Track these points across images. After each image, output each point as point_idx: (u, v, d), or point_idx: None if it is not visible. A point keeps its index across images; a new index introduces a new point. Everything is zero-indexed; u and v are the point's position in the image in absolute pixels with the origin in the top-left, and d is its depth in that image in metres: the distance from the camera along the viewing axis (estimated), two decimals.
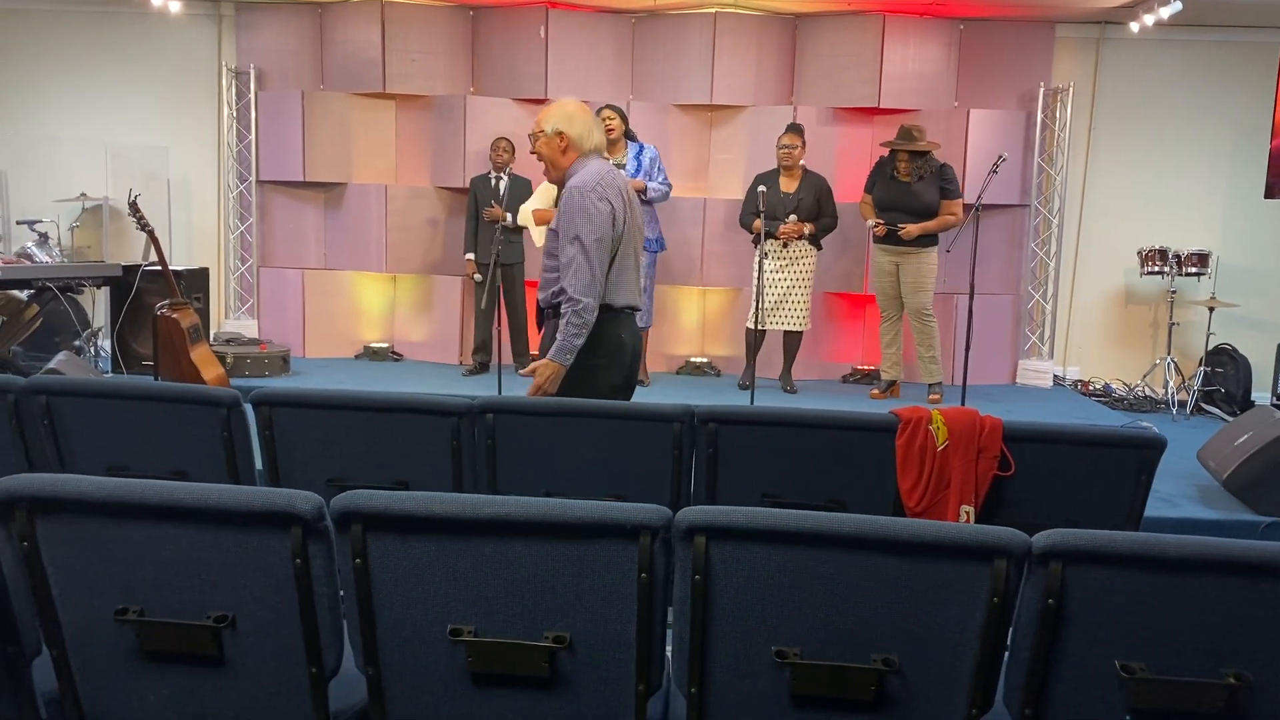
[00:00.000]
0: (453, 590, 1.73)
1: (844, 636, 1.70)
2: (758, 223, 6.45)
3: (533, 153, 3.41)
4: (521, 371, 3.30)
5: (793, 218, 6.42)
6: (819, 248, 6.66)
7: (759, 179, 6.56)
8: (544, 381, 3.18)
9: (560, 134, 3.27)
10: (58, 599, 1.79)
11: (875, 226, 6.41)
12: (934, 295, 6.53)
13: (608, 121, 6.33)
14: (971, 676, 1.69)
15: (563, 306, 3.19)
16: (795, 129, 6.58)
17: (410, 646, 1.78)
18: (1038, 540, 1.63)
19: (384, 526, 1.71)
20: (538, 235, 4.92)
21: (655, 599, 1.71)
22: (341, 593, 1.77)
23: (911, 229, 6.25)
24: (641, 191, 6.45)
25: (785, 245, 6.49)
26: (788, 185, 6.52)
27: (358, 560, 1.72)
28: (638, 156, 6.38)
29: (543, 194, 5.02)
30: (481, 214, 6.77)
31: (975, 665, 1.68)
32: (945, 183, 6.37)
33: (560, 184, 3.33)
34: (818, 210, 6.55)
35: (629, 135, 6.36)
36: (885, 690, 1.72)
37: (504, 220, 6.73)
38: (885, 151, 6.52)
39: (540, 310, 3.38)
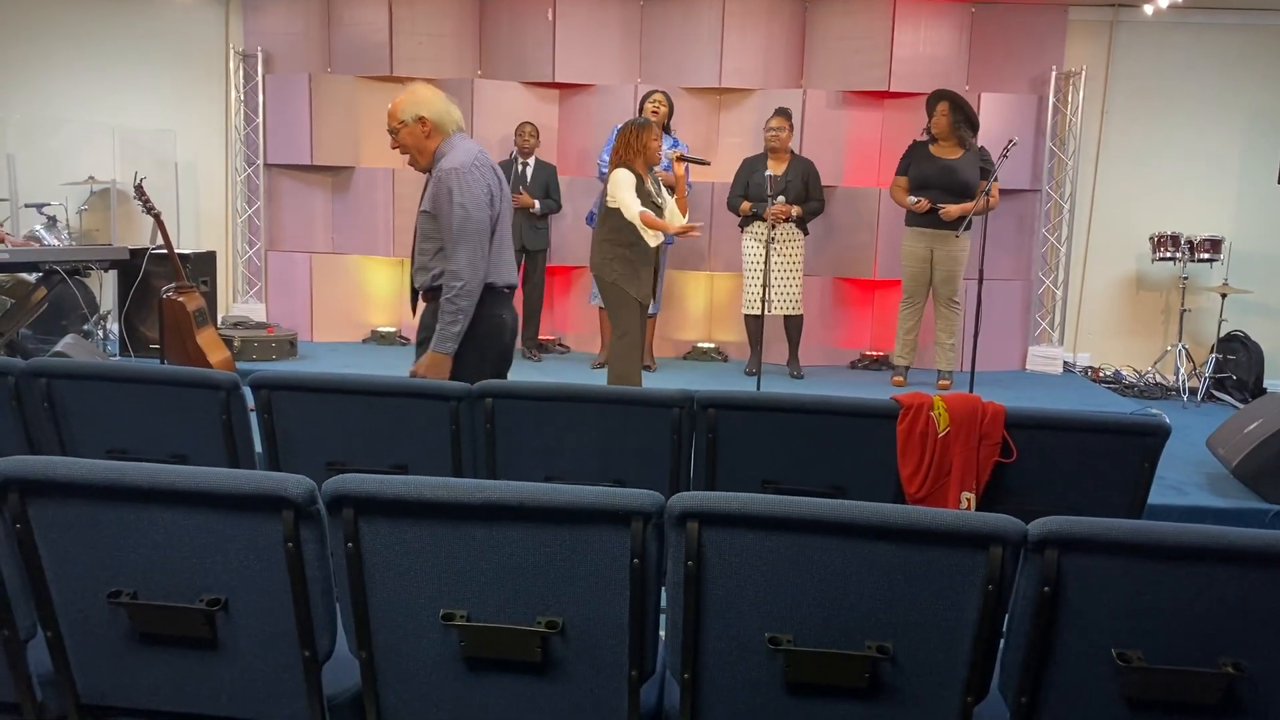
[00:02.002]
0: (445, 574, 1.73)
1: (838, 623, 1.69)
2: (745, 204, 6.44)
3: (395, 147, 3.34)
4: (410, 372, 3.27)
5: (780, 199, 6.37)
6: (805, 231, 6.62)
7: (747, 162, 6.55)
8: (432, 375, 3.15)
9: (420, 119, 3.22)
10: (52, 581, 1.80)
11: (916, 204, 6.22)
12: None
13: (656, 106, 6.36)
14: (967, 664, 1.68)
15: (444, 290, 3.14)
16: (783, 112, 6.55)
17: (403, 631, 1.77)
18: (1033, 528, 1.61)
19: (376, 510, 1.70)
20: (651, 237, 4.77)
21: (648, 585, 1.70)
22: (334, 576, 1.77)
23: (952, 210, 6.09)
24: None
25: (773, 228, 6.44)
26: (776, 168, 6.48)
27: (350, 544, 1.72)
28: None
29: (621, 182, 4.67)
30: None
31: (970, 653, 1.67)
32: (985, 163, 6.26)
33: (430, 169, 3.28)
34: (805, 193, 6.51)
35: (665, 128, 6.39)
36: (879, 677, 1.70)
37: (532, 207, 6.73)
38: (923, 134, 6.43)
39: (415, 292, 3.35)
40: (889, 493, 2.65)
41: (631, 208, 4.65)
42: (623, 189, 4.69)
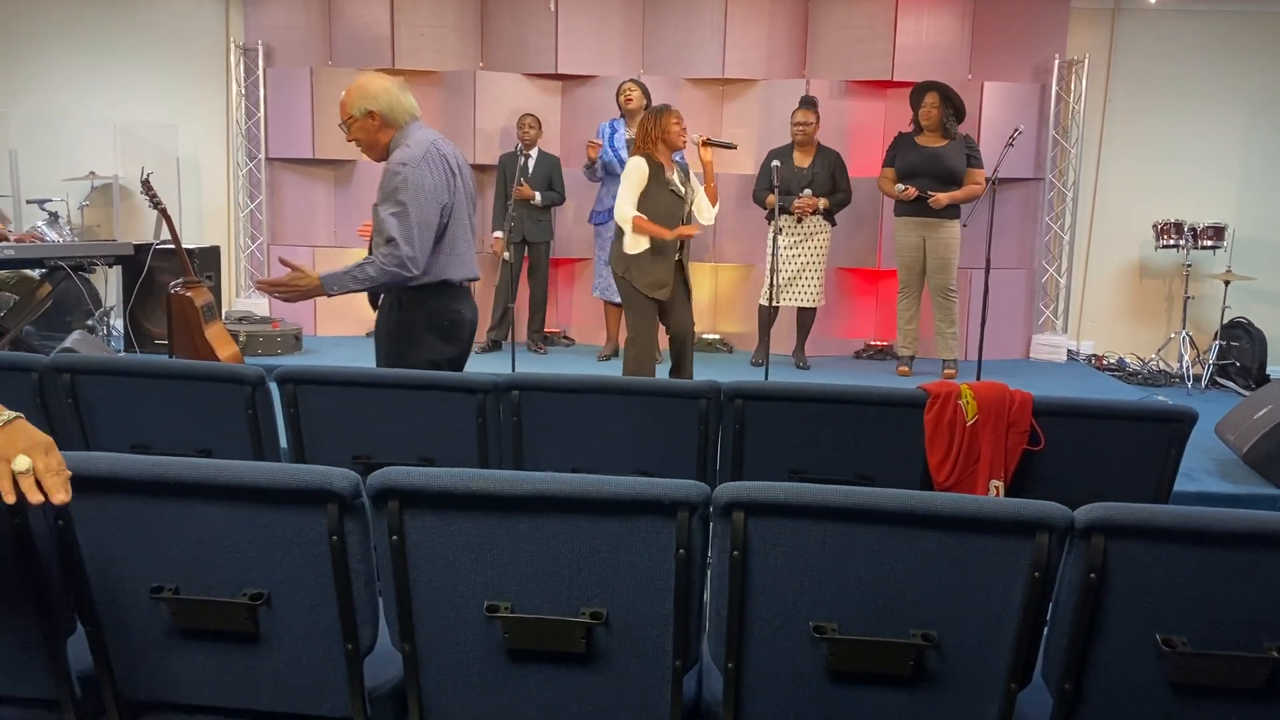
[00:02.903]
0: (489, 567, 1.73)
1: (882, 611, 1.69)
2: (771, 197, 6.42)
3: (350, 140, 3.27)
4: (262, 281, 3.18)
5: (807, 192, 6.38)
6: (833, 223, 6.62)
7: (772, 154, 6.52)
8: (294, 286, 3.05)
9: (370, 114, 3.15)
10: (92, 577, 1.79)
11: (904, 191, 6.26)
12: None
13: (627, 93, 6.33)
14: (1011, 651, 1.68)
15: (378, 252, 3.03)
16: (810, 103, 6.53)
17: (446, 623, 1.77)
18: (1080, 514, 1.61)
19: (421, 503, 1.70)
20: (631, 243, 4.63)
21: (692, 575, 1.70)
22: (377, 570, 1.77)
23: (941, 198, 6.14)
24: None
25: (800, 221, 6.45)
26: (802, 160, 6.48)
27: (394, 537, 1.71)
28: None
29: (629, 175, 4.62)
30: (509, 192, 6.74)
31: (1015, 640, 1.67)
32: (970, 150, 6.30)
33: (382, 161, 3.20)
34: (832, 185, 6.50)
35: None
36: (924, 665, 1.71)
37: (532, 199, 6.72)
38: (909, 126, 6.45)
39: None
40: (915, 481, 2.66)
41: (623, 209, 4.54)
42: (626, 184, 4.59)
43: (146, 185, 5.46)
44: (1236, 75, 7.44)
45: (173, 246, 5.57)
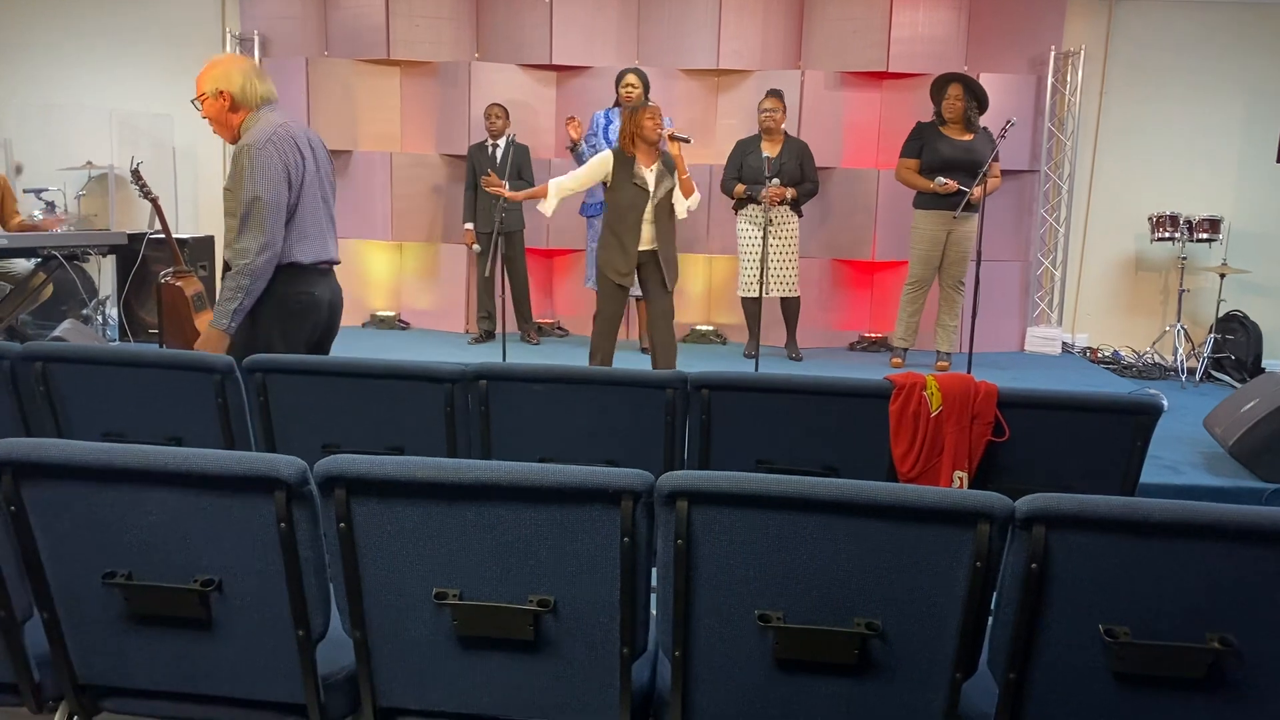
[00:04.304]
0: (437, 554, 1.74)
1: (827, 600, 1.70)
2: (740, 187, 6.42)
3: (203, 117, 3.32)
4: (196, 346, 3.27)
5: (775, 182, 6.36)
6: (800, 214, 6.61)
7: (740, 144, 6.54)
8: (208, 349, 3.12)
9: (221, 93, 3.21)
10: (47, 563, 1.81)
11: (944, 185, 6.13)
12: None
13: (628, 88, 6.34)
14: (956, 640, 1.69)
15: (230, 266, 3.12)
16: (776, 93, 6.52)
17: (396, 610, 1.79)
18: (1021, 504, 1.62)
19: (367, 491, 1.71)
20: (547, 207, 4.95)
21: (638, 563, 1.71)
22: (328, 556, 1.78)
23: (979, 192, 6.05)
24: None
25: (767, 211, 6.43)
26: (770, 150, 6.45)
27: (342, 524, 1.73)
28: None
29: (592, 164, 4.93)
30: (480, 183, 6.74)
31: (959, 629, 1.68)
32: (993, 142, 6.26)
33: (235, 143, 3.27)
34: (800, 175, 6.49)
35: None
36: (869, 654, 1.72)
37: (502, 189, 6.70)
38: (930, 117, 6.41)
39: (227, 267, 3.33)
40: (882, 472, 2.66)
41: (557, 179, 4.91)
42: (584, 167, 4.93)
43: (136, 175, 5.48)
44: (1234, 67, 7.40)
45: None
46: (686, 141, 5.02)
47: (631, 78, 6.39)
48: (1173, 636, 1.65)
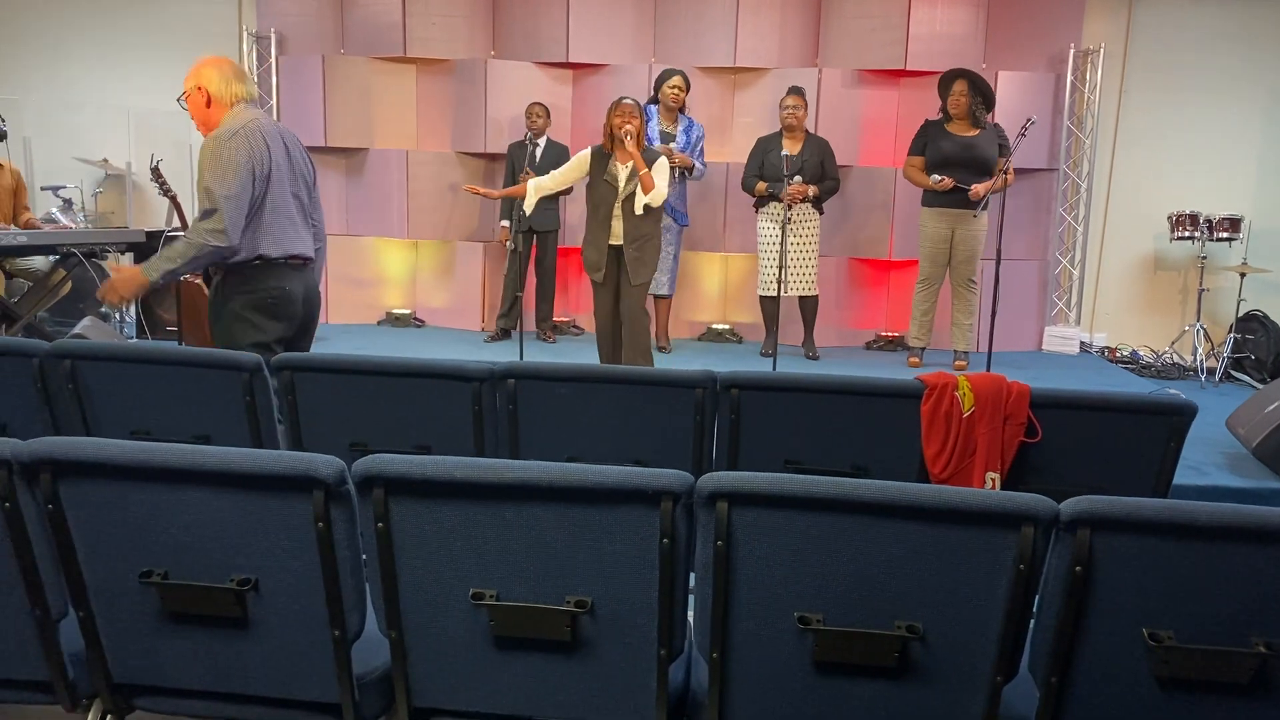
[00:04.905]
0: (475, 554, 1.73)
1: (868, 603, 1.69)
2: (761, 185, 6.40)
3: (190, 114, 3.41)
4: (100, 291, 3.30)
5: (797, 179, 6.34)
6: (821, 211, 6.59)
7: (761, 141, 6.51)
8: (121, 285, 3.17)
9: (199, 89, 3.30)
10: (83, 561, 1.81)
11: (940, 182, 6.14)
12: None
13: (675, 91, 6.34)
14: (996, 644, 1.67)
15: (193, 228, 3.14)
16: (797, 90, 6.51)
17: (433, 610, 1.78)
18: (1065, 507, 1.60)
19: (406, 490, 1.71)
20: (527, 205, 5.08)
21: (677, 564, 1.70)
22: (364, 556, 1.78)
23: (979, 189, 6.03)
24: (689, 169, 6.44)
25: (789, 208, 6.41)
26: (791, 148, 6.43)
27: (380, 524, 1.72)
28: (687, 130, 6.41)
29: (570, 161, 5.03)
30: (517, 180, 6.73)
31: (1000, 632, 1.66)
32: (1001, 139, 6.22)
33: None
34: (821, 172, 6.47)
35: (680, 108, 6.38)
36: (909, 657, 1.70)
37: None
38: (937, 113, 6.39)
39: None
40: (912, 473, 2.64)
41: (541, 179, 5.04)
42: (566, 164, 5.08)
43: (156, 172, 5.49)
44: (1255, 65, 7.35)
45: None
46: (671, 159, 5.02)
47: (678, 80, 6.42)
48: (1217, 640, 1.63)
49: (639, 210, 4.89)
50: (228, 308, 3.30)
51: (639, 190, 4.86)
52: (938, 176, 6.17)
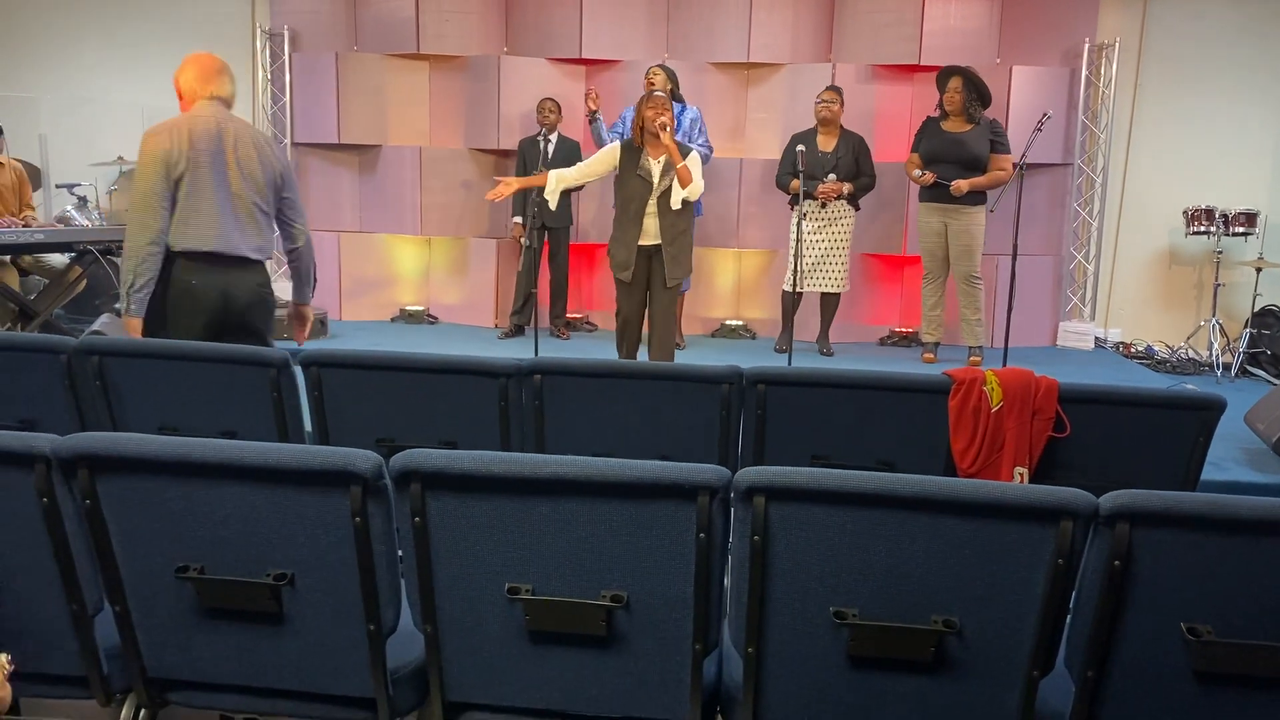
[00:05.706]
0: (510, 549, 1.74)
1: (903, 597, 1.68)
2: (795, 182, 6.38)
3: None
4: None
5: (831, 177, 6.34)
6: (857, 208, 6.58)
7: (796, 138, 6.48)
8: (132, 335, 3.25)
9: (175, 84, 3.43)
10: (119, 556, 1.82)
11: (922, 177, 6.23)
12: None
13: (651, 78, 6.32)
14: (1033, 638, 1.67)
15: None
16: (834, 88, 6.51)
17: (468, 604, 1.78)
18: (1105, 501, 1.60)
19: (443, 485, 1.71)
20: (552, 198, 5.05)
21: (713, 559, 1.70)
22: (399, 551, 1.78)
23: (961, 184, 6.08)
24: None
25: (824, 206, 6.41)
26: (826, 144, 6.43)
27: (416, 519, 1.72)
28: (678, 117, 6.36)
29: (600, 153, 4.99)
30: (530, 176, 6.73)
31: (1037, 627, 1.66)
32: (995, 136, 6.24)
33: None
34: (856, 169, 6.46)
35: (675, 96, 6.33)
36: (945, 651, 1.70)
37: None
38: (935, 110, 6.40)
39: None
40: (939, 467, 2.64)
41: (564, 170, 4.97)
42: (594, 156, 5.00)
43: None
44: (1271, 58, 7.31)
45: None
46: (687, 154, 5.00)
47: (653, 70, 6.39)
48: (1256, 635, 1.63)
49: (675, 205, 4.83)
50: (156, 303, 3.35)
51: (675, 184, 4.81)
52: (918, 172, 6.27)
